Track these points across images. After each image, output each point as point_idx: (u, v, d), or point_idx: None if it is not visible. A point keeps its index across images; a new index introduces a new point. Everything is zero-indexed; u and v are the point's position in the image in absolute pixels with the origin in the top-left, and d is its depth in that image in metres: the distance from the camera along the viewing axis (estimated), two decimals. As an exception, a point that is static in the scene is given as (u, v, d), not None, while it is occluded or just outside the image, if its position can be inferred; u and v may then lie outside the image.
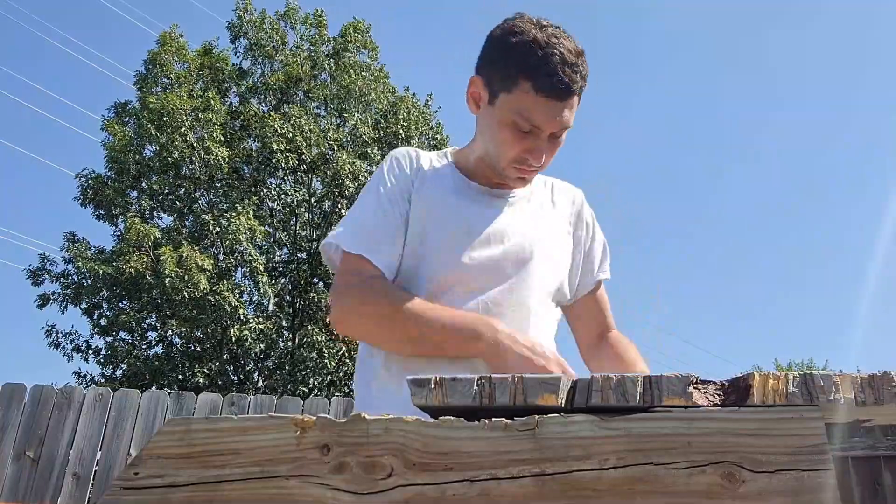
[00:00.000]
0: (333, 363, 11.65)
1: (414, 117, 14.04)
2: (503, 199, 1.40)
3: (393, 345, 1.27)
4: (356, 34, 14.22)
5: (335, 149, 12.89)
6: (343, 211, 13.12)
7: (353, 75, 13.84)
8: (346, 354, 12.09)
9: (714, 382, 0.73)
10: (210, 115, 12.45)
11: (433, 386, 0.77)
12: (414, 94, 14.69)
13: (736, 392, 0.72)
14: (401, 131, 13.81)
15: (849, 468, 3.12)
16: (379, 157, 13.55)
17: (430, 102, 14.89)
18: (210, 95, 12.86)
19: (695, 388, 0.72)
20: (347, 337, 1.63)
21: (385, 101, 14.23)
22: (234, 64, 14.14)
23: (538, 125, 1.25)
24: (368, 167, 13.35)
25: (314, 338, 11.53)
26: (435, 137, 14.55)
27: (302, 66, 13.63)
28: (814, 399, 0.71)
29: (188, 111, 12.26)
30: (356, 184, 13.07)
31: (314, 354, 11.60)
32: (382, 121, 13.95)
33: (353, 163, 12.78)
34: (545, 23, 1.27)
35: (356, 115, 13.69)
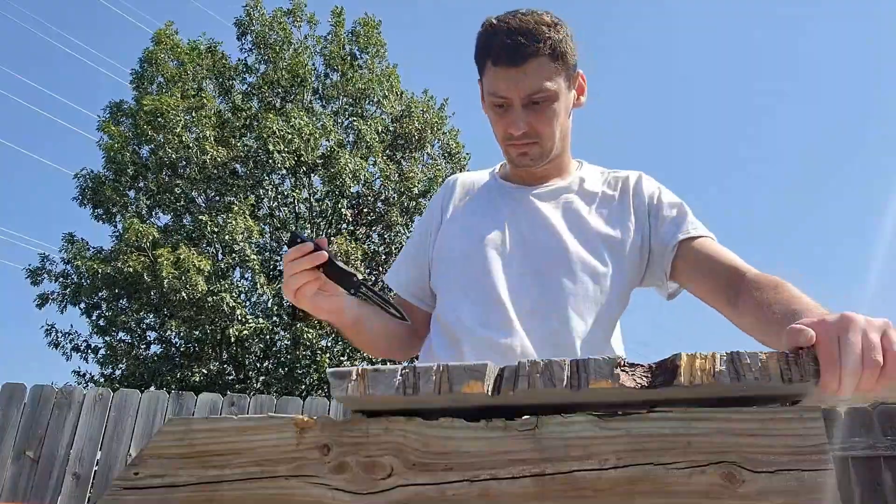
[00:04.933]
0: (328, 362, 11.64)
1: (429, 119, 13.98)
2: (540, 189, 1.41)
3: (366, 348, 1.42)
4: (366, 29, 14.15)
5: (336, 149, 12.85)
6: (344, 211, 13.11)
7: (370, 76, 13.79)
8: (343, 352, 12.09)
9: (642, 365, 0.72)
10: (204, 114, 12.43)
11: (355, 377, 0.74)
12: (432, 97, 14.62)
13: (664, 373, 0.72)
14: (415, 133, 13.75)
15: (849, 468, 3.13)
16: (386, 158, 13.50)
17: (445, 106, 14.78)
18: (203, 95, 12.83)
19: (622, 370, 0.71)
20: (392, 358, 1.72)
21: (396, 106, 14.16)
22: (238, 59, 14.13)
23: (504, 95, 1.29)
24: (372, 169, 13.32)
25: (305, 335, 11.52)
26: (449, 144, 14.46)
27: (307, 65, 13.59)
28: (740, 377, 0.70)
29: (182, 110, 12.24)
30: (357, 184, 13.05)
31: (308, 353, 11.60)
32: (395, 123, 13.88)
33: (355, 163, 12.74)
34: (516, 9, 1.32)
35: (363, 119, 13.63)
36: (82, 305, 12.32)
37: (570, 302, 1.29)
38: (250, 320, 11.63)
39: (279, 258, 13.66)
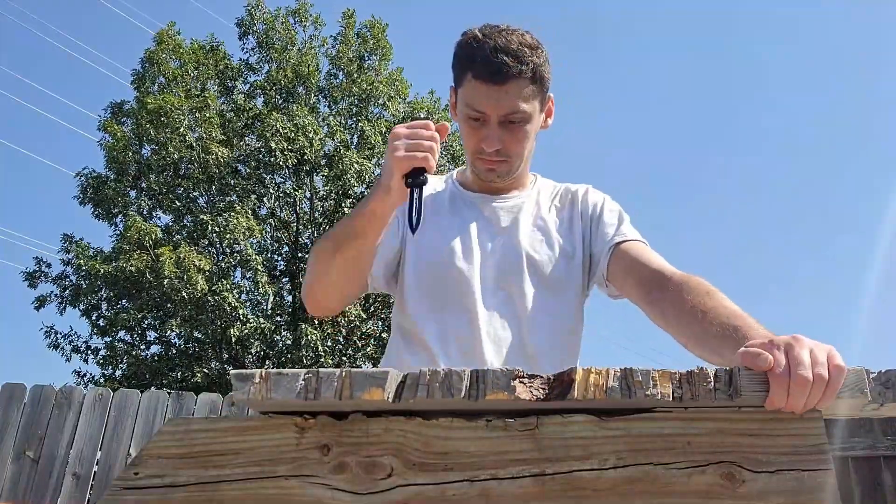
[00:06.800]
0: (330, 362, 11.64)
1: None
2: (502, 201, 1.43)
3: (329, 272, 1.30)
4: (373, 32, 14.16)
5: (341, 149, 12.85)
6: (346, 210, 13.10)
7: (377, 79, 13.80)
8: (344, 352, 12.08)
9: (541, 377, 0.73)
10: (207, 114, 12.42)
11: (258, 380, 0.74)
12: (438, 99, 14.64)
13: (560, 386, 0.73)
14: None
15: (849, 468, 3.12)
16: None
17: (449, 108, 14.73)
18: (207, 94, 12.82)
19: (520, 382, 0.72)
20: (321, 311, 1.60)
21: (402, 108, 14.15)
22: (240, 59, 14.12)
23: (482, 110, 1.29)
24: (375, 170, 13.31)
25: (309, 337, 11.52)
26: (451, 146, 14.48)
27: (312, 66, 13.58)
28: (632, 394, 0.71)
29: (186, 111, 12.23)
30: (362, 184, 13.04)
31: (310, 354, 11.60)
32: (399, 124, 13.84)
33: (360, 163, 12.73)
34: (497, 25, 1.33)
35: (368, 120, 13.62)
36: (82, 306, 12.31)
37: (537, 316, 1.33)
38: (251, 320, 11.63)
39: (280, 258, 13.66)
